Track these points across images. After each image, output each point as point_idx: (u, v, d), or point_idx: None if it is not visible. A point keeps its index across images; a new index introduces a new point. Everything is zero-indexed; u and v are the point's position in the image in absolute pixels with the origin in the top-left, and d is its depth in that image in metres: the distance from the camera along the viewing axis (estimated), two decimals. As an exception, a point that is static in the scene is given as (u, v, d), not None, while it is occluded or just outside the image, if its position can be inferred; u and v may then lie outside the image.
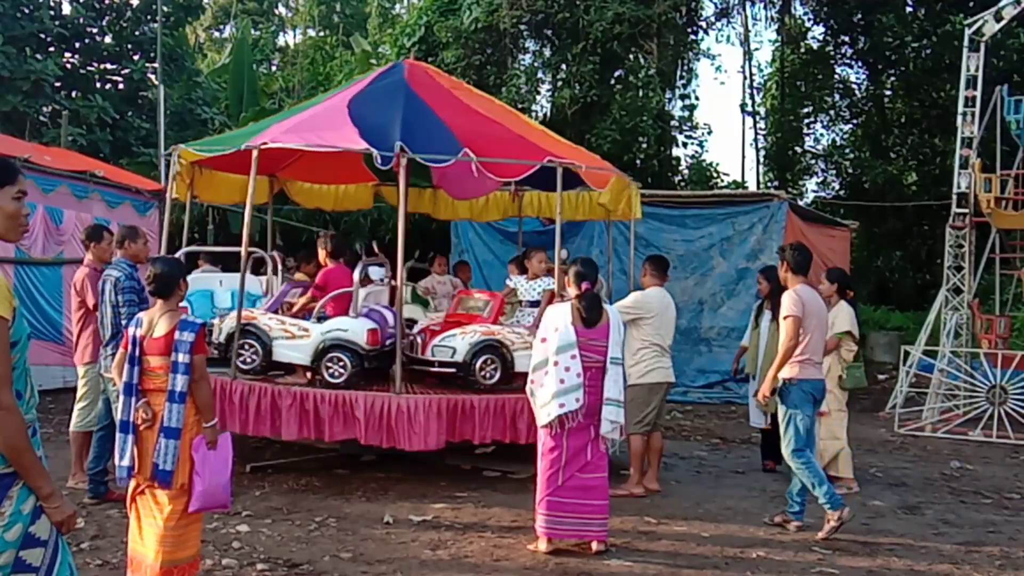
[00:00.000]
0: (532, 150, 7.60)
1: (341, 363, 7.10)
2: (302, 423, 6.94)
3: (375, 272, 10.00)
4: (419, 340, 7.58)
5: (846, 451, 7.49)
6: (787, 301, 6.17)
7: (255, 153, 7.13)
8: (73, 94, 17.49)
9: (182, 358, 4.36)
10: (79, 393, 6.76)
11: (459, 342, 7.26)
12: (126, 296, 6.20)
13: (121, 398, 4.51)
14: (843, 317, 7.36)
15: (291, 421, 6.94)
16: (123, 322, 6.07)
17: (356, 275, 7.56)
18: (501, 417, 7.07)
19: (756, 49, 40.25)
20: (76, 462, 6.75)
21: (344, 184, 10.19)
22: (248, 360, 7.23)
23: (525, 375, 5.96)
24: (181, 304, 4.68)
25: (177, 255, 7.02)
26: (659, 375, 7.17)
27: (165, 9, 17.09)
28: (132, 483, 4.46)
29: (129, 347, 4.50)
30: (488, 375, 7.20)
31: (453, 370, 7.25)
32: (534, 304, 7.74)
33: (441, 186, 10.18)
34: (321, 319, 7.39)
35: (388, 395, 6.91)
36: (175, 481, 4.34)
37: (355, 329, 7.18)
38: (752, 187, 22.62)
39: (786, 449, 6.15)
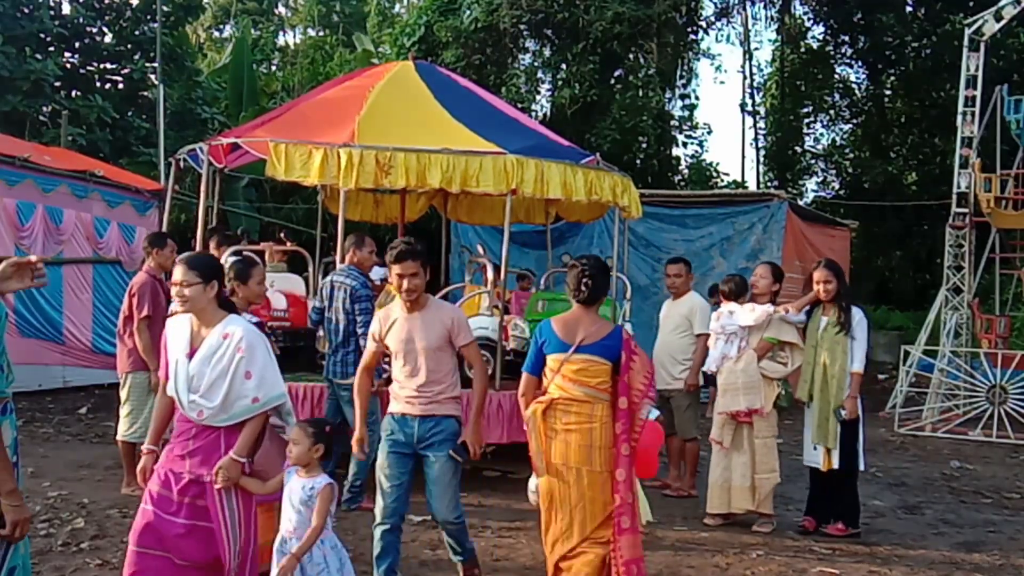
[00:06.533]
0: None
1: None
2: None
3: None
4: None
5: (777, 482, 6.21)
6: None
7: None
8: (73, 94, 17.46)
9: None
10: (122, 401, 6.56)
11: None
12: (363, 304, 6.26)
13: None
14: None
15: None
16: (359, 330, 6.15)
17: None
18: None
19: (756, 49, 40.21)
20: (128, 471, 6.46)
21: None
22: None
23: None
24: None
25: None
26: None
27: (165, 9, 17.05)
28: None
29: None
30: None
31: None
32: None
33: None
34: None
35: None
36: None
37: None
38: (752, 187, 22.63)
39: None
